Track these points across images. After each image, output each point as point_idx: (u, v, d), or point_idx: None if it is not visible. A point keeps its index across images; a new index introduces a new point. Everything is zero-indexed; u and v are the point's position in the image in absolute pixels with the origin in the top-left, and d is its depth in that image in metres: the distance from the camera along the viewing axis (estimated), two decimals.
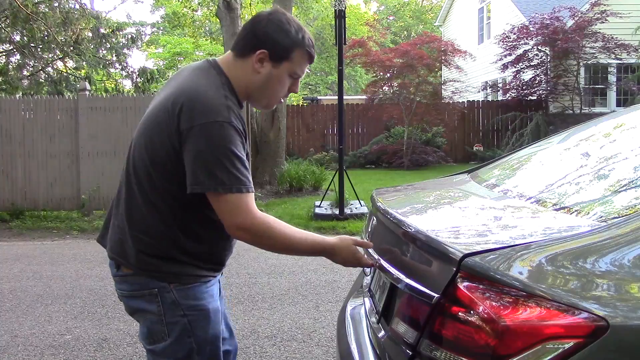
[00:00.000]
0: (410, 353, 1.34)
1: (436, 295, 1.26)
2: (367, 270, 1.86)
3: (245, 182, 1.52)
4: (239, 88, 1.63)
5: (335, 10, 7.66)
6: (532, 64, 14.01)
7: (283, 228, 1.60)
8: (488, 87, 17.00)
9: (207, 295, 1.64)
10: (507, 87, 14.87)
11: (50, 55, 12.88)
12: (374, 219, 2.01)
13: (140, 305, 1.63)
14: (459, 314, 1.20)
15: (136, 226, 1.60)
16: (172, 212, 1.58)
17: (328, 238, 1.71)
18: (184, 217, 1.59)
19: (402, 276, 1.49)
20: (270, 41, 1.59)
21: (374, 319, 1.75)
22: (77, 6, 12.05)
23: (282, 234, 1.61)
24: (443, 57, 14.18)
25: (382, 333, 1.61)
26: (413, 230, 1.54)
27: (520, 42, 13.76)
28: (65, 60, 13.16)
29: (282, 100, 1.74)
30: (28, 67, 13.10)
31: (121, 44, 14.30)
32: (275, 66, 1.62)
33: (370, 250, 1.79)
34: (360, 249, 1.76)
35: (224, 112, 1.51)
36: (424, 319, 1.31)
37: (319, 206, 8.00)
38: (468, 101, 15.66)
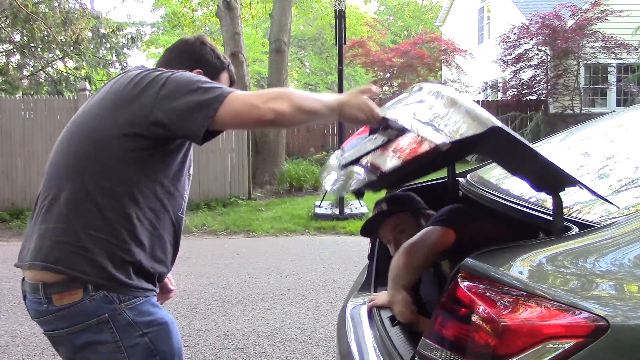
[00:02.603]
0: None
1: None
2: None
3: (222, 87, 1.46)
4: None
5: (335, 10, 7.66)
6: (532, 63, 14.01)
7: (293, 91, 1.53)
8: (488, 88, 17.00)
9: (159, 309, 1.53)
10: (507, 86, 14.87)
11: (50, 55, 12.89)
12: None
13: (88, 338, 1.43)
14: (459, 313, 1.20)
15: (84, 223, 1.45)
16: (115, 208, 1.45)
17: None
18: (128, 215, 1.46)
19: None
20: (205, 61, 1.72)
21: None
22: (77, 6, 12.05)
23: (297, 93, 1.50)
24: (443, 56, 14.18)
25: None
26: None
27: (521, 42, 13.75)
28: (65, 60, 13.16)
29: None
30: (28, 67, 13.11)
31: (121, 44, 14.30)
32: None
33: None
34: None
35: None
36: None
37: (319, 206, 8.00)
38: None
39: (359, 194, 2.12)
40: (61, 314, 1.42)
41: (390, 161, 1.45)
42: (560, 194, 1.30)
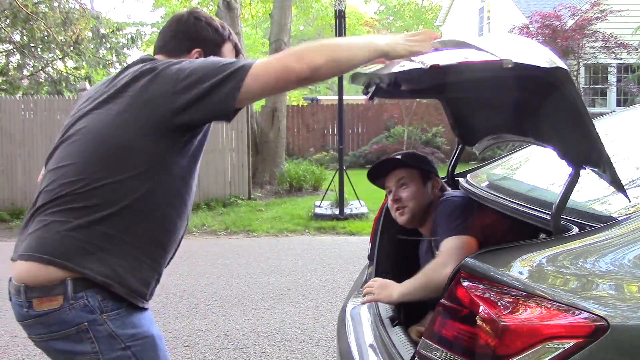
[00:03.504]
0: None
1: None
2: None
3: (238, 61, 1.40)
4: None
5: (335, 10, 7.66)
6: None
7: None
8: None
9: (145, 321, 1.45)
10: None
11: (50, 55, 12.88)
12: None
13: (68, 347, 1.37)
14: (459, 314, 1.20)
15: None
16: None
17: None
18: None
19: None
20: (202, 39, 1.59)
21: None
22: (77, 6, 12.05)
23: (333, 43, 1.44)
24: None
25: None
26: None
27: None
28: (65, 60, 13.16)
29: None
30: (28, 67, 13.10)
31: (121, 44, 14.29)
32: None
33: None
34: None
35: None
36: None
37: (319, 206, 8.00)
38: None
39: (377, 90, 1.80)
40: (40, 319, 1.37)
41: (447, 59, 1.34)
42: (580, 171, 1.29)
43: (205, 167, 8.78)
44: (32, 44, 12.15)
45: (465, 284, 1.21)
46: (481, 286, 1.18)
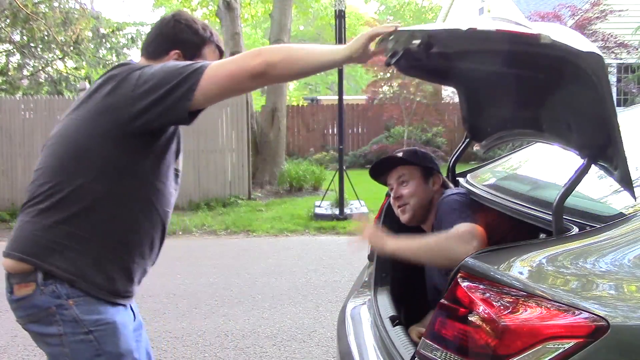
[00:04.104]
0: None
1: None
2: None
3: (196, 62, 1.43)
4: None
5: (335, 10, 7.66)
6: None
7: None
8: None
9: (112, 309, 1.52)
10: None
11: (50, 55, 12.87)
12: None
13: (40, 329, 1.50)
14: (459, 314, 1.20)
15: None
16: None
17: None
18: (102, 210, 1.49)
19: None
20: (181, 41, 1.62)
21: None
22: (77, 6, 12.04)
23: (293, 46, 1.45)
24: None
25: None
26: None
27: None
28: (65, 60, 13.15)
29: None
30: (28, 67, 13.09)
31: (121, 44, 14.28)
32: None
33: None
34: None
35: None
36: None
37: (319, 206, 8.00)
38: None
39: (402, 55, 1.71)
40: (20, 303, 1.50)
41: (485, 24, 1.32)
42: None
43: (205, 167, 8.79)
44: (32, 44, 12.14)
45: (465, 284, 1.21)
46: (481, 286, 1.18)
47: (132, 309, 1.67)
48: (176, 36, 1.62)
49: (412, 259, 1.79)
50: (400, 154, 2.15)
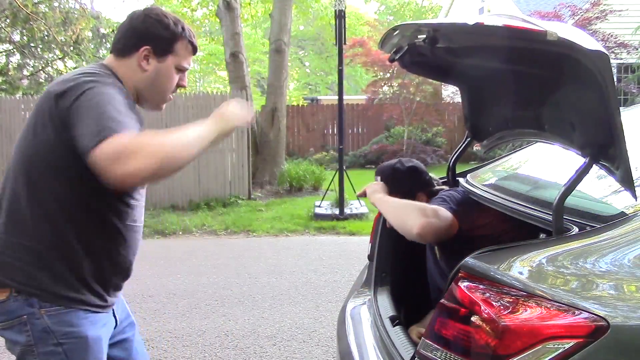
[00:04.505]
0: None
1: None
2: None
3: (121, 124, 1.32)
4: (129, 89, 1.56)
5: (335, 10, 7.66)
6: None
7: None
8: None
9: (86, 322, 1.49)
10: None
11: (50, 55, 12.87)
12: None
13: (12, 337, 1.47)
14: (459, 314, 1.20)
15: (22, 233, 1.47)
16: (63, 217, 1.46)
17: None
18: (77, 224, 1.47)
19: None
20: (151, 36, 1.56)
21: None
22: (77, 6, 12.04)
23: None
24: None
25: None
26: None
27: None
28: (65, 60, 13.15)
29: (171, 97, 1.66)
30: (28, 67, 13.09)
31: None
32: (161, 61, 1.58)
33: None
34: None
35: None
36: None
37: (319, 206, 8.00)
38: None
39: (406, 49, 1.76)
40: None
41: (492, 20, 1.31)
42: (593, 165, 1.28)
43: (206, 167, 8.78)
44: (32, 44, 12.14)
45: (465, 284, 1.21)
46: (481, 286, 1.18)
47: (114, 315, 1.64)
48: (147, 31, 1.55)
49: (383, 214, 1.90)
50: (379, 171, 2.17)
